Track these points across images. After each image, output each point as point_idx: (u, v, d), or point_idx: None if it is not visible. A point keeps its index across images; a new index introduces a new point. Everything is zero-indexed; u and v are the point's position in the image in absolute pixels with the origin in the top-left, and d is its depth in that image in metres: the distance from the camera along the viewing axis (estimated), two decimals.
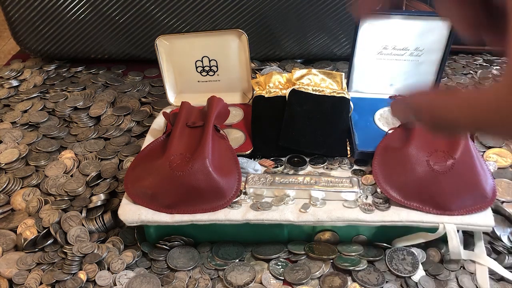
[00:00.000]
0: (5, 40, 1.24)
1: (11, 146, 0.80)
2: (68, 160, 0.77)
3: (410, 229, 0.60)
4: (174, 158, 0.61)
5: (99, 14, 0.97)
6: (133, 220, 0.59)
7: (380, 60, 0.78)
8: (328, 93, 0.72)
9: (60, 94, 0.94)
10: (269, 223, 0.59)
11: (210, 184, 0.59)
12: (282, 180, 0.62)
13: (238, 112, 0.77)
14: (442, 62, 0.77)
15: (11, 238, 0.65)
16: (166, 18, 0.97)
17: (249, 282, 0.58)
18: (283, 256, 0.61)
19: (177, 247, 0.62)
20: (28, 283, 0.58)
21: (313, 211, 0.59)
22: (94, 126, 0.86)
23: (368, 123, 0.73)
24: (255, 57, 1.03)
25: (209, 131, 0.63)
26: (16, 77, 1.01)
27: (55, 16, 0.97)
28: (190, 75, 0.78)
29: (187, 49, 0.75)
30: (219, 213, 0.59)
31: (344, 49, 1.01)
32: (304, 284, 0.58)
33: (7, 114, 0.89)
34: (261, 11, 0.96)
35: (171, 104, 0.79)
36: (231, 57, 0.76)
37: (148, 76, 1.01)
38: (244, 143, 0.70)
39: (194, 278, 0.59)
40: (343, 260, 0.60)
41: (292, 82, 0.74)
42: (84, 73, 1.03)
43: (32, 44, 1.02)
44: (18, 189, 0.72)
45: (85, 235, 0.64)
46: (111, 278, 0.59)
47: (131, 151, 0.78)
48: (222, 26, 0.98)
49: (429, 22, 0.74)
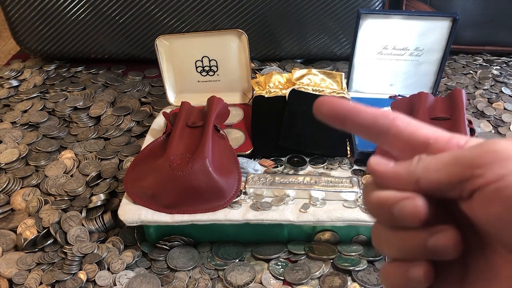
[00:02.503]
0: (5, 40, 1.24)
1: (11, 146, 0.80)
2: (68, 160, 0.77)
3: None
4: (174, 158, 0.61)
5: (99, 14, 0.97)
6: (133, 220, 0.59)
7: (380, 60, 0.78)
8: (328, 93, 0.72)
9: (60, 94, 0.94)
10: (269, 223, 0.58)
11: (210, 184, 0.59)
12: (282, 180, 0.62)
13: (238, 112, 0.77)
14: (442, 62, 0.77)
15: (11, 238, 0.65)
16: (166, 18, 0.97)
17: (249, 282, 0.58)
18: (283, 256, 0.61)
19: (177, 247, 0.62)
20: (28, 283, 0.58)
21: (313, 211, 0.59)
22: (94, 126, 0.86)
23: None
24: (255, 57, 1.03)
25: (209, 131, 0.63)
26: (16, 77, 1.01)
27: (55, 16, 0.97)
28: (190, 75, 0.78)
29: (187, 49, 0.75)
30: (219, 213, 0.59)
31: (344, 49, 1.01)
32: (304, 284, 0.58)
33: (7, 114, 0.89)
34: (261, 11, 0.96)
35: (171, 104, 0.79)
36: (231, 57, 0.76)
37: (148, 76, 1.01)
38: (244, 143, 0.70)
39: (194, 278, 0.59)
40: (343, 260, 0.60)
41: (292, 82, 0.74)
42: (84, 73, 1.03)
43: (32, 44, 1.02)
44: (18, 189, 0.72)
45: (85, 235, 0.64)
46: (111, 278, 0.59)
47: (131, 151, 0.78)
48: (222, 26, 0.98)
49: (429, 22, 0.74)
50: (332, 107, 0.25)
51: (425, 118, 0.65)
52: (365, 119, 0.24)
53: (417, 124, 0.24)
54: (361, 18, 0.74)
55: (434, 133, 0.23)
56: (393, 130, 0.24)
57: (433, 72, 0.78)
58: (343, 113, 0.25)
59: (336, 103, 0.25)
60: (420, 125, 0.24)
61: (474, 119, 0.84)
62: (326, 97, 0.26)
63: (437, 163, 0.21)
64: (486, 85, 0.94)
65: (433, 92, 0.79)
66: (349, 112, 0.25)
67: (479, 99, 0.90)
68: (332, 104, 0.25)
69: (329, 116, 0.25)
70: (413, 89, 0.76)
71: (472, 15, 1.00)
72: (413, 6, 1.02)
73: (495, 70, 1.00)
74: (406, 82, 0.80)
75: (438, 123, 0.65)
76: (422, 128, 0.24)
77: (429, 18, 0.74)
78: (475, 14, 1.00)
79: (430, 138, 0.23)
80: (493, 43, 1.04)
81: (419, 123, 0.24)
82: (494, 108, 0.87)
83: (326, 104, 0.25)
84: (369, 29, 0.75)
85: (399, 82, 0.80)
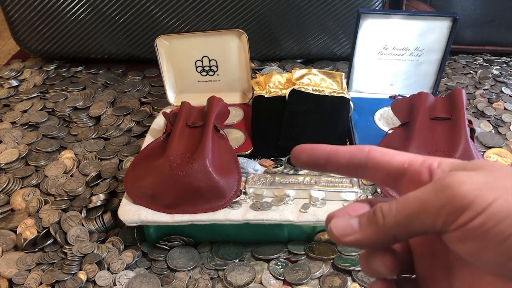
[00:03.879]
0: (5, 40, 1.24)
1: (11, 146, 0.80)
2: (68, 160, 0.77)
3: None
4: (174, 158, 0.60)
5: (99, 14, 0.97)
6: (133, 220, 0.59)
7: (380, 60, 0.78)
8: (328, 93, 0.72)
9: (60, 94, 0.94)
10: (269, 223, 0.58)
11: (210, 184, 0.59)
12: (282, 180, 0.62)
13: (238, 112, 0.77)
14: (442, 62, 0.77)
15: (11, 238, 0.65)
16: (166, 18, 0.97)
17: (249, 282, 0.58)
18: (283, 256, 0.61)
19: (177, 247, 0.62)
20: (28, 283, 0.58)
21: (313, 211, 0.59)
22: (94, 126, 0.86)
23: (368, 123, 0.73)
24: (255, 57, 1.03)
25: (209, 131, 0.63)
26: (16, 77, 1.01)
27: (55, 16, 0.97)
28: (190, 75, 0.78)
29: (187, 49, 0.75)
30: (219, 213, 0.59)
31: (344, 49, 1.01)
32: (304, 284, 0.58)
33: (7, 114, 0.89)
34: (261, 11, 0.96)
35: (171, 104, 0.79)
36: (231, 57, 0.76)
37: (148, 76, 1.01)
38: (244, 143, 0.70)
39: (194, 278, 0.59)
40: (343, 260, 0.60)
41: (292, 82, 0.74)
42: (84, 73, 1.03)
43: (32, 44, 1.02)
44: (18, 189, 0.72)
45: (85, 235, 0.64)
46: (111, 278, 0.59)
47: (131, 151, 0.78)
48: (222, 26, 0.98)
49: (429, 22, 0.74)
50: (310, 154, 0.26)
51: (425, 118, 0.65)
52: (343, 158, 0.25)
53: (391, 152, 0.24)
54: (361, 18, 0.74)
55: (408, 157, 0.24)
56: (370, 162, 0.24)
57: (433, 72, 0.78)
58: (323, 157, 0.25)
59: (313, 149, 0.26)
60: (394, 152, 0.24)
61: (474, 119, 0.84)
62: (302, 145, 0.26)
63: (407, 214, 0.21)
64: (486, 85, 0.94)
65: (433, 92, 0.79)
66: (328, 155, 0.25)
67: (479, 99, 0.90)
68: (310, 151, 0.26)
69: (309, 164, 0.26)
70: (413, 89, 0.76)
71: (472, 15, 1.00)
72: (413, 6, 1.02)
73: (495, 70, 1.00)
74: (406, 82, 0.80)
75: (438, 123, 0.65)
76: (396, 155, 0.24)
77: (429, 18, 0.74)
78: (475, 14, 1.00)
79: (404, 162, 0.24)
80: (493, 43, 1.04)
81: (393, 151, 0.24)
82: (494, 108, 0.87)
83: (304, 152, 0.26)
84: (369, 29, 0.75)
85: (399, 82, 0.80)
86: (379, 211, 0.22)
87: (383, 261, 0.23)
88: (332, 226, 0.23)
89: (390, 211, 0.22)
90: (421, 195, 0.21)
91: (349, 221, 0.23)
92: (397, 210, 0.22)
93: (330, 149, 0.25)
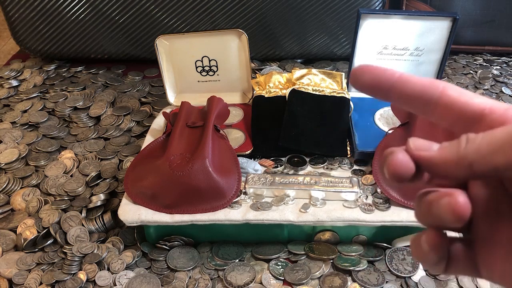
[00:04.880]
0: (5, 40, 1.24)
1: (11, 146, 0.80)
2: (68, 160, 0.77)
3: (410, 229, 0.60)
4: (174, 158, 0.60)
5: (99, 14, 0.97)
6: (133, 220, 0.59)
7: (380, 60, 0.78)
8: (328, 93, 0.72)
9: (60, 94, 0.94)
10: (269, 223, 0.58)
11: (210, 184, 0.59)
12: (282, 180, 0.62)
13: (238, 112, 0.77)
14: (442, 62, 0.77)
15: (11, 238, 0.65)
16: (166, 18, 0.97)
17: (249, 282, 0.58)
18: (283, 256, 0.61)
19: (177, 247, 0.62)
20: (28, 283, 0.58)
21: (313, 211, 0.59)
22: (94, 126, 0.86)
23: (368, 123, 0.73)
24: (255, 57, 1.03)
25: (209, 131, 0.63)
26: (16, 77, 1.01)
27: (55, 16, 0.97)
28: (190, 75, 0.78)
29: (187, 49, 0.75)
30: (219, 213, 0.59)
31: (344, 49, 1.01)
32: (304, 284, 0.58)
33: (7, 114, 0.89)
34: (261, 11, 0.96)
35: (171, 104, 0.79)
36: (231, 57, 0.76)
37: (148, 76, 1.01)
38: (244, 143, 0.70)
39: (194, 278, 0.59)
40: (343, 260, 0.60)
41: (292, 82, 0.74)
42: (84, 73, 1.03)
43: (32, 44, 1.02)
44: (18, 189, 0.72)
45: (85, 235, 0.64)
46: (111, 278, 0.59)
47: (131, 151, 0.78)
48: (222, 26, 0.98)
49: (429, 22, 0.74)
50: (376, 76, 0.23)
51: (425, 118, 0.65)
52: (413, 89, 0.22)
53: (469, 94, 0.22)
54: (361, 18, 0.73)
55: (489, 103, 0.21)
56: (443, 100, 0.22)
57: (433, 72, 0.78)
58: (388, 83, 0.23)
59: (379, 71, 0.23)
60: (473, 95, 0.22)
61: None
62: (366, 65, 0.23)
63: (491, 143, 0.19)
64: (486, 85, 0.94)
65: None
66: (394, 82, 0.23)
67: None
68: (376, 73, 0.23)
69: (371, 87, 0.23)
70: None
71: (472, 15, 1.00)
72: (413, 6, 1.02)
73: (495, 70, 1.00)
74: None
75: None
76: (475, 98, 0.22)
77: (429, 18, 0.74)
78: (475, 14, 1.00)
79: (485, 108, 0.21)
80: (493, 43, 1.04)
81: (471, 93, 0.22)
82: None
83: (368, 72, 0.23)
84: (369, 29, 0.75)
85: None
86: (464, 136, 0.20)
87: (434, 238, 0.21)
88: (410, 141, 0.21)
89: (475, 137, 0.20)
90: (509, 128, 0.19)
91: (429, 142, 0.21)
92: (483, 137, 0.20)
93: (401, 75, 0.23)
